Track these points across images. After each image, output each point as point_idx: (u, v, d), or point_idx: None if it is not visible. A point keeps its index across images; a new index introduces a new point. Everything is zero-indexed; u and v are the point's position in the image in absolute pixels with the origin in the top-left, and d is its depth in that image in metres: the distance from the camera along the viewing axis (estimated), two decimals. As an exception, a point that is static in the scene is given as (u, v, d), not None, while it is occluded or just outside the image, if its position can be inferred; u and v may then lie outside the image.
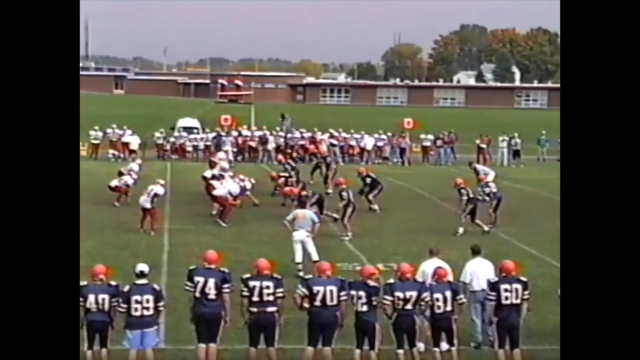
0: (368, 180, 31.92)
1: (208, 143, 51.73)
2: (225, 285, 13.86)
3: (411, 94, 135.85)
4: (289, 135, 52.44)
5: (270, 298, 13.74)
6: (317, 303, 13.71)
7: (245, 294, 13.81)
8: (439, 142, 53.15)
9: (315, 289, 13.78)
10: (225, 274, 13.98)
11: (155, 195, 26.68)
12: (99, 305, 13.45)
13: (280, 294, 13.83)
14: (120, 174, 32.38)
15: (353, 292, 13.89)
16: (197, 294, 13.84)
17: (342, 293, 13.77)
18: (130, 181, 31.70)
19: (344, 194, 26.36)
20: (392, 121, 61.19)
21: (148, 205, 26.37)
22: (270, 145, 51.05)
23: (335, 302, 13.72)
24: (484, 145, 51.31)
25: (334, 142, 51.75)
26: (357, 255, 23.07)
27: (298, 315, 14.23)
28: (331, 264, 14.79)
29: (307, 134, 52.39)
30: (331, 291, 13.73)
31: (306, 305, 13.83)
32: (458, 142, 53.35)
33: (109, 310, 13.52)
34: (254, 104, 62.58)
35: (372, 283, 14.00)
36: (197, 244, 23.35)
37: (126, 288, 13.57)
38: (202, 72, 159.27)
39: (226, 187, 28.92)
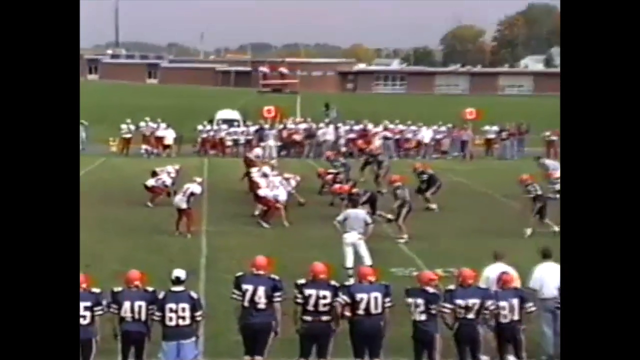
0: (425, 176, 31.75)
1: (250, 137, 51.16)
2: (277, 294, 13.88)
3: (473, 82, 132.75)
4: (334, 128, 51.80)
5: (326, 308, 13.79)
6: (360, 312, 13.76)
7: (300, 301, 13.84)
8: (504, 134, 52.56)
9: (359, 296, 13.81)
10: (276, 281, 13.99)
11: (192, 194, 26.71)
12: (135, 314, 13.50)
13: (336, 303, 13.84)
14: (154, 173, 32.34)
15: (410, 300, 13.91)
16: (246, 303, 13.86)
17: (387, 300, 13.85)
18: (168, 181, 31.70)
19: (399, 192, 26.24)
20: (452, 111, 60.29)
21: (184, 206, 26.43)
22: (327, 137, 50.59)
23: (379, 310, 13.77)
24: (554, 138, 49.31)
25: (388, 134, 51.12)
26: (413, 259, 22.99)
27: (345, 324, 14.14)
28: (374, 270, 15.01)
29: (358, 126, 51.63)
30: (375, 298, 13.77)
31: (347, 313, 13.84)
32: (528, 135, 52.72)
33: (145, 320, 13.59)
34: (299, 94, 64.54)
35: (430, 290, 13.98)
36: (238, 248, 23.39)
37: (161, 295, 13.61)
38: (242, 59, 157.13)
39: (273, 190, 28.71)
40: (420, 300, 13.85)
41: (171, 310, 13.45)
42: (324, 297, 13.77)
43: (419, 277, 14.50)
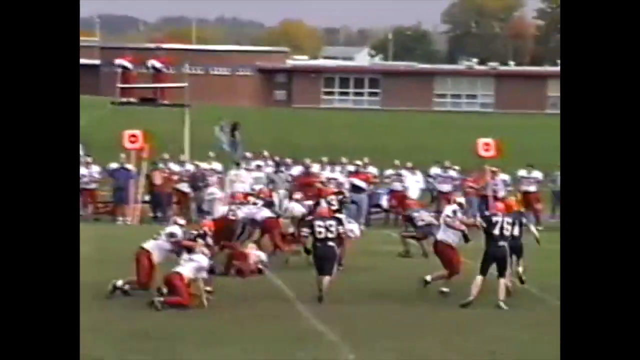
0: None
1: (94, 184, 31.96)
2: None
3: (502, 89, 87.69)
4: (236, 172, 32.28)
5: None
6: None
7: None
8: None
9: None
10: None
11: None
12: None
13: None
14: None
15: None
16: None
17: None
18: None
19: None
20: (465, 142, 38.44)
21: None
22: (237, 186, 30.72)
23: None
24: None
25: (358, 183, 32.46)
26: None
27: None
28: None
29: (296, 170, 33.35)
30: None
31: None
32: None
33: None
34: (189, 107, 36.76)
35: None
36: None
37: None
38: (87, 43, 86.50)
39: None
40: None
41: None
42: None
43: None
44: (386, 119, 73.27)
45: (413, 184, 32.52)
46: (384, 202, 32.82)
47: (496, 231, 18.10)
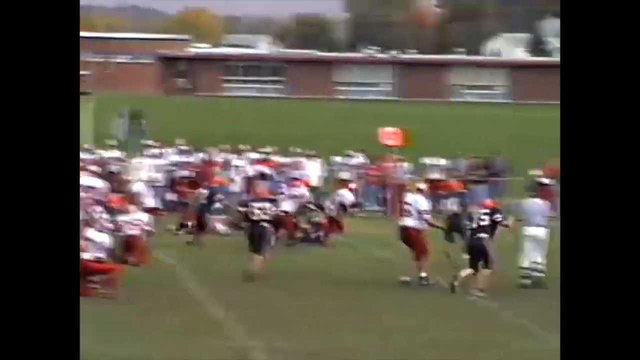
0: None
1: None
2: None
3: (403, 78, 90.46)
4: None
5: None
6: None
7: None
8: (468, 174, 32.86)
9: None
10: None
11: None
12: None
13: None
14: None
15: None
16: None
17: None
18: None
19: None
20: (366, 131, 38.31)
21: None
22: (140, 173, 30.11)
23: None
24: (546, 181, 27.97)
25: (263, 169, 31.98)
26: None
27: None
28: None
29: (196, 156, 33.00)
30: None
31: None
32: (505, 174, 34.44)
33: None
34: (92, 95, 36.92)
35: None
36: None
37: None
38: None
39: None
40: None
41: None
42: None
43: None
44: (289, 107, 74.02)
45: (313, 171, 32.38)
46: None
47: (474, 224, 18.39)
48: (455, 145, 37.23)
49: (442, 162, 33.95)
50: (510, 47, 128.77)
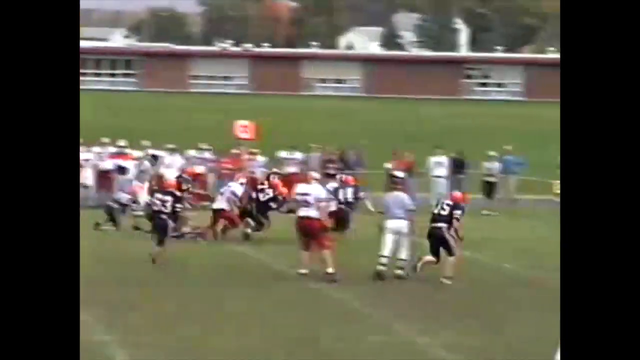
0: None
1: None
2: None
3: (256, 71, 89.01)
4: None
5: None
6: None
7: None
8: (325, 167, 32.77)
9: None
10: None
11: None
12: None
13: None
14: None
15: None
16: None
17: None
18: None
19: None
20: (221, 125, 39.42)
21: None
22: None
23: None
24: (399, 175, 27.81)
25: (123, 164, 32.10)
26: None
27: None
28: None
29: None
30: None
31: None
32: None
33: None
34: None
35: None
36: None
37: None
38: None
39: None
40: None
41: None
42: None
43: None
44: (142, 100, 73.15)
45: (170, 165, 31.99)
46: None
47: (435, 210, 19.17)
48: (309, 138, 37.96)
49: (298, 155, 34.26)
50: (364, 41, 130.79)
